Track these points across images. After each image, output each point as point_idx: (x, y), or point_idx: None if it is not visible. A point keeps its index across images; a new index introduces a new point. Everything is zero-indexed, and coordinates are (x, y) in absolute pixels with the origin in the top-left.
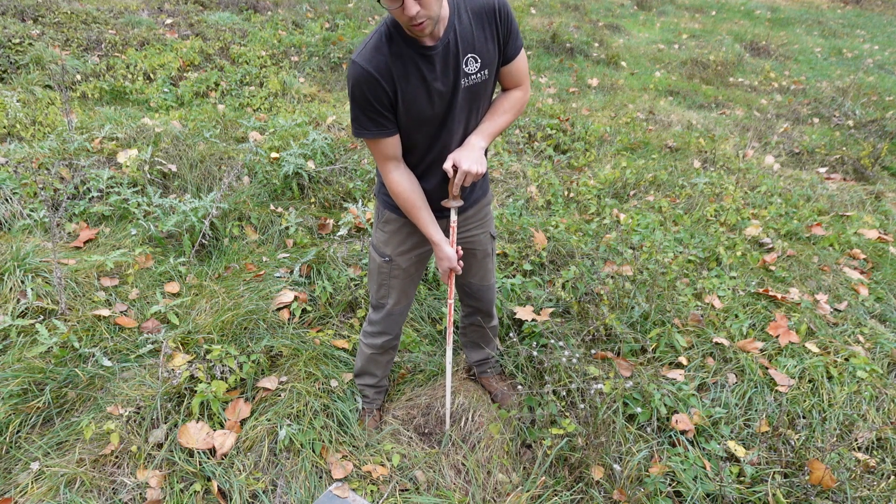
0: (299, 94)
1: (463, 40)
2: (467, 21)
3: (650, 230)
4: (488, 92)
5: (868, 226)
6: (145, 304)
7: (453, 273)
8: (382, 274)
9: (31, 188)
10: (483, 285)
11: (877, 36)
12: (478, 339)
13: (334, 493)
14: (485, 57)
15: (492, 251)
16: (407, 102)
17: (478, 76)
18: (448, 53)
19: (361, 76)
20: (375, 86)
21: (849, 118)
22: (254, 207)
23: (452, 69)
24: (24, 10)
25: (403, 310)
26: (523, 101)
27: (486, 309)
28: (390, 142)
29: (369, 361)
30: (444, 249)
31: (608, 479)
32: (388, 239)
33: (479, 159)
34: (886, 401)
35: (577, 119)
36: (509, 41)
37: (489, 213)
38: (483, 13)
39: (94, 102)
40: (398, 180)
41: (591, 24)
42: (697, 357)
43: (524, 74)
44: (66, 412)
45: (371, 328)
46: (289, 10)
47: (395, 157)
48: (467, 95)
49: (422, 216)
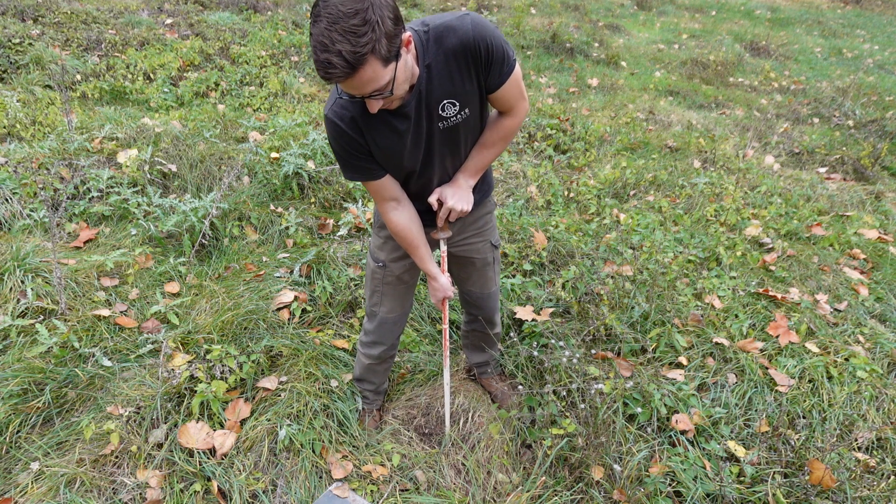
0: (299, 94)
1: (438, 86)
2: (441, 62)
3: (650, 230)
4: (473, 125)
5: (868, 226)
6: (145, 304)
7: (446, 301)
8: (376, 280)
9: (31, 188)
10: (483, 294)
11: (877, 36)
12: (479, 342)
13: (334, 493)
14: (463, 98)
15: (493, 260)
16: (381, 152)
17: (457, 117)
18: (421, 104)
19: (334, 131)
20: (349, 139)
21: (849, 118)
22: (254, 207)
23: (427, 118)
24: (24, 10)
25: (398, 319)
26: (515, 127)
27: (488, 317)
28: (382, 183)
29: (367, 370)
30: (438, 281)
31: (608, 479)
32: (383, 244)
33: (465, 198)
34: (886, 401)
35: (577, 119)
36: (490, 75)
37: (490, 221)
38: (459, 52)
39: (94, 102)
40: (395, 220)
41: (591, 24)
42: (697, 357)
43: (516, 98)
44: (66, 412)
45: (366, 338)
46: (289, 10)
47: (391, 198)
48: (447, 136)
49: (419, 254)
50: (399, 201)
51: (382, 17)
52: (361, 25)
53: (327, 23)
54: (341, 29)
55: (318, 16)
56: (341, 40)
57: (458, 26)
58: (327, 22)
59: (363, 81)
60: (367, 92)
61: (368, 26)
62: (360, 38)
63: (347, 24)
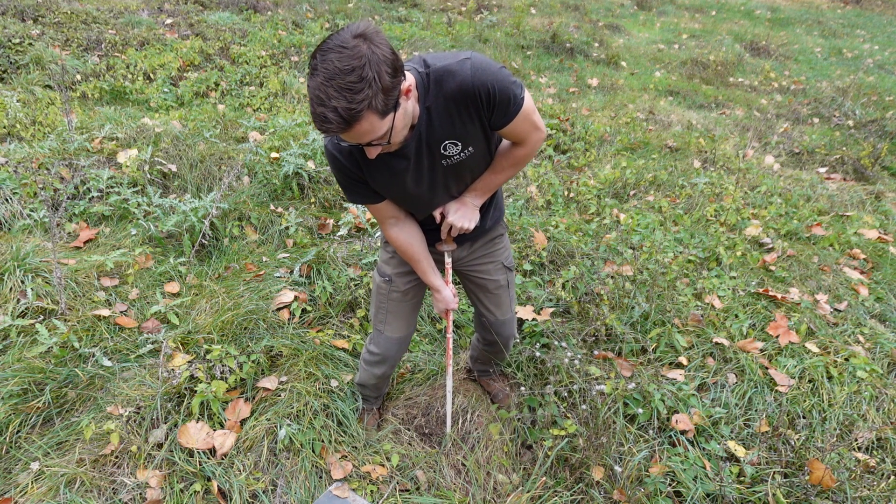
0: (299, 94)
1: (438, 128)
2: (441, 106)
3: (650, 230)
4: (479, 160)
5: (868, 226)
6: (145, 304)
7: (450, 312)
8: (381, 295)
9: (31, 188)
10: (499, 320)
11: (877, 36)
12: (486, 357)
13: (334, 494)
14: (466, 138)
15: (507, 283)
16: (381, 188)
17: (461, 155)
18: (421, 145)
19: (333, 162)
20: (349, 172)
21: (849, 118)
22: (254, 207)
23: (428, 157)
24: (24, 10)
25: (402, 340)
26: (526, 156)
27: (504, 342)
28: (381, 207)
29: (369, 381)
30: (442, 293)
31: (608, 480)
32: (390, 258)
33: (468, 215)
34: (886, 401)
35: (577, 119)
36: (494, 116)
37: (500, 243)
38: (458, 98)
39: (94, 102)
40: (396, 235)
41: (591, 24)
42: (697, 357)
43: (527, 132)
44: (66, 412)
45: (371, 357)
46: (289, 10)
47: (391, 216)
48: (451, 172)
49: (421, 267)
50: (398, 218)
51: (379, 72)
52: (357, 82)
53: (323, 78)
54: (337, 85)
55: (315, 69)
56: (337, 97)
57: (457, 71)
58: (323, 77)
59: (360, 133)
60: (364, 141)
61: (364, 83)
62: (356, 95)
63: (343, 81)
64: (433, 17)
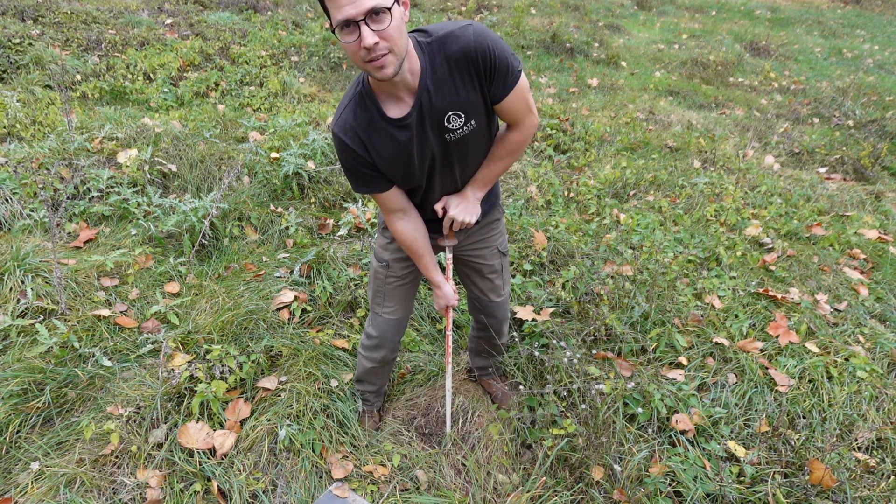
0: (299, 94)
1: (441, 98)
2: (444, 72)
3: (650, 230)
4: (482, 137)
5: (868, 226)
6: (145, 304)
7: (450, 309)
8: (379, 279)
9: (31, 188)
10: (492, 302)
11: (877, 36)
12: (484, 347)
13: (334, 493)
14: (469, 109)
15: (501, 267)
16: (385, 164)
17: (465, 129)
18: (423, 117)
19: (340, 146)
20: (355, 155)
21: (849, 118)
22: (254, 207)
23: (432, 130)
24: (24, 10)
25: (399, 322)
26: (523, 141)
27: (497, 326)
28: (389, 195)
29: (368, 372)
30: (442, 289)
31: (608, 480)
32: (388, 244)
33: (470, 210)
34: (886, 401)
35: (577, 119)
36: (493, 85)
37: (496, 228)
38: (461, 60)
39: (94, 102)
40: (401, 229)
41: (591, 24)
42: (697, 357)
43: (522, 111)
44: (66, 412)
45: (368, 341)
46: (289, 10)
47: (398, 209)
48: (456, 148)
49: (423, 262)
50: (405, 211)
51: None
52: None
53: None
54: None
55: None
56: None
57: (460, 35)
58: None
59: None
60: (366, 6)
61: None
62: None
63: None
64: (433, 18)
